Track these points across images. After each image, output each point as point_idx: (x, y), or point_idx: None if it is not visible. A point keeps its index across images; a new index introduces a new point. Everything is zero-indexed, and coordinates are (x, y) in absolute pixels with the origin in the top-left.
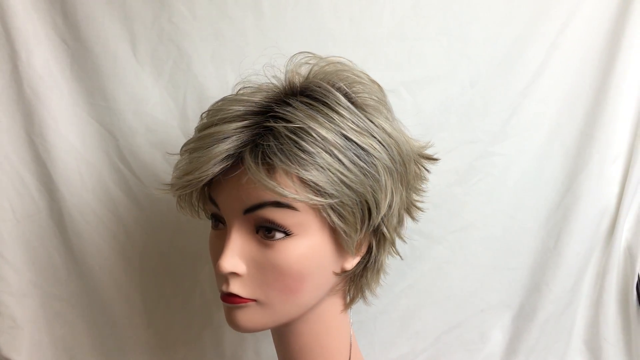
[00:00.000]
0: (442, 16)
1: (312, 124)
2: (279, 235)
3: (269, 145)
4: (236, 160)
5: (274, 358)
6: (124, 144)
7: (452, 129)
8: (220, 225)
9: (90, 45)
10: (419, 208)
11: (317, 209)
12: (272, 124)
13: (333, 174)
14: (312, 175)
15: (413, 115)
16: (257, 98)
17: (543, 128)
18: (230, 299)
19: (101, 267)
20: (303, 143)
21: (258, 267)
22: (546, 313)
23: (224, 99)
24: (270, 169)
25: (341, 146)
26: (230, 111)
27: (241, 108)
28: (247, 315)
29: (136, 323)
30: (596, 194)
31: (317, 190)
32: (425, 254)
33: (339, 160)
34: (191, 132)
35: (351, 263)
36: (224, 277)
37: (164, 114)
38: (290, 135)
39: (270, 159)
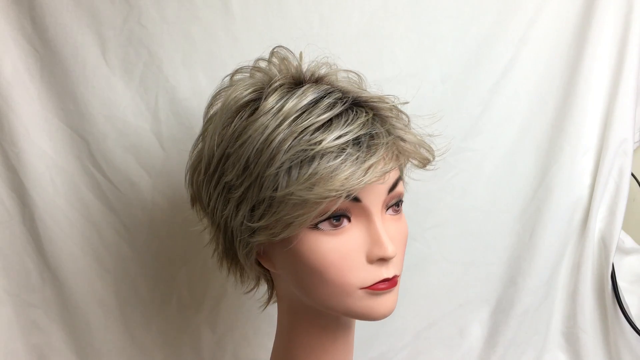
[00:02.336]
0: (411, 14)
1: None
2: (401, 206)
3: (397, 119)
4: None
5: None
6: (95, 148)
7: (425, 126)
8: (344, 222)
9: (59, 50)
10: None
11: None
12: (391, 104)
13: None
14: None
15: None
16: (333, 87)
17: (514, 123)
18: (394, 280)
19: (75, 272)
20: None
21: (395, 243)
22: (523, 306)
23: (316, 92)
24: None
25: None
26: (338, 101)
27: (340, 96)
28: (395, 295)
29: (112, 329)
30: (569, 186)
31: None
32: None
33: None
34: (164, 135)
35: None
36: (384, 263)
37: (136, 117)
38: (397, 111)
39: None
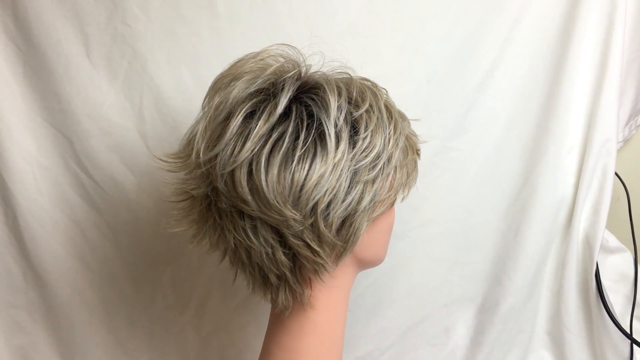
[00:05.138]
0: (396, 13)
1: None
2: None
3: None
4: None
5: None
6: (79, 147)
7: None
8: None
9: (42, 48)
10: None
11: None
12: None
13: None
14: None
15: None
16: None
17: (499, 122)
18: None
19: (59, 273)
20: None
21: None
22: (508, 305)
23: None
24: None
25: None
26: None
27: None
28: None
29: (96, 330)
30: (553, 185)
31: None
32: (388, 251)
33: None
34: (149, 134)
35: None
36: None
37: (120, 116)
38: None
39: None
